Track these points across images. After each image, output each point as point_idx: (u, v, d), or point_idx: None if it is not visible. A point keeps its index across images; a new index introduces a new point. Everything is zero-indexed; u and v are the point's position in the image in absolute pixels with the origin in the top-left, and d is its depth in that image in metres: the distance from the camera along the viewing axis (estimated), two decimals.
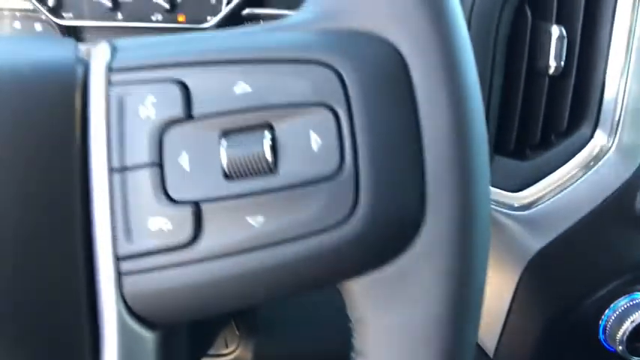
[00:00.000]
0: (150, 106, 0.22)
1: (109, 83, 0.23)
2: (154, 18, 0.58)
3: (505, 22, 0.46)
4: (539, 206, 0.47)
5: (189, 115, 0.22)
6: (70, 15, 0.58)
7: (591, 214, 0.46)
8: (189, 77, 0.23)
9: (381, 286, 0.23)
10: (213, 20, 0.57)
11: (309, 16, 0.25)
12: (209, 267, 0.22)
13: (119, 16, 0.58)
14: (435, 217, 0.22)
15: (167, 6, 0.57)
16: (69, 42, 0.25)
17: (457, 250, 0.22)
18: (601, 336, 0.47)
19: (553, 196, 0.47)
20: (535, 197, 0.47)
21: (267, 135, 0.22)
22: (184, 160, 0.22)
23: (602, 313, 0.47)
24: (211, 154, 0.22)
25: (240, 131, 0.22)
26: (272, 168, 0.22)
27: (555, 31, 0.46)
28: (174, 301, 0.23)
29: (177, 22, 0.58)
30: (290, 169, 0.22)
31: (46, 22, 0.59)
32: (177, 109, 0.22)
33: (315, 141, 0.22)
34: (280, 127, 0.22)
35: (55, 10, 0.58)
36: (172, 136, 0.22)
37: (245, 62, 0.23)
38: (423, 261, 0.22)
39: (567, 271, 0.48)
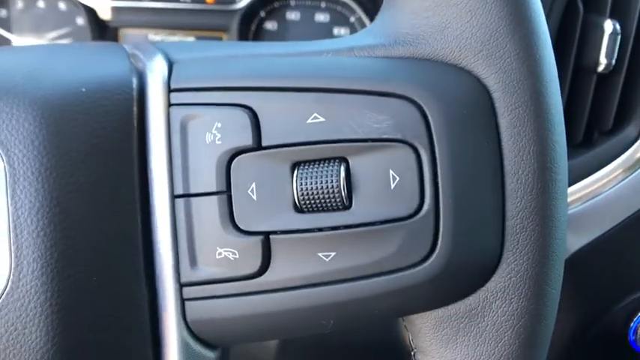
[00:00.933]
0: (216, 133, 0.22)
1: (169, 104, 0.22)
2: None
3: (555, 15, 0.44)
4: (578, 208, 0.46)
5: (258, 145, 0.22)
6: None
7: (630, 219, 0.45)
8: (258, 103, 0.22)
9: (451, 322, 0.23)
10: (243, 1, 0.55)
11: (385, 39, 0.23)
12: (276, 298, 0.22)
13: None
14: (512, 257, 0.22)
15: None
16: (119, 51, 0.23)
17: (532, 291, 0.22)
18: (631, 337, 0.47)
19: (592, 198, 0.46)
20: (574, 197, 0.46)
21: (342, 169, 0.21)
22: (253, 190, 0.22)
23: (635, 315, 0.47)
24: (281, 185, 0.21)
25: (312, 163, 0.21)
26: (346, 203, 0.21)
27: (609, 26, 0.43)
28: (238, 327, 0.22)
29: (205, 2, 0.56)
30: (365, 206, 0.21)
31: (70, 2, 0.57)
32: (246, 138, 0.21)
33: (394, 179, 0.21)
34: (355, 162, 0.21)
35: None
36: (240, 165, 0.22)
37: (318, 91, 0.21)
38: (497, 300, 0.22)
39: (602, 273, 0.47)
